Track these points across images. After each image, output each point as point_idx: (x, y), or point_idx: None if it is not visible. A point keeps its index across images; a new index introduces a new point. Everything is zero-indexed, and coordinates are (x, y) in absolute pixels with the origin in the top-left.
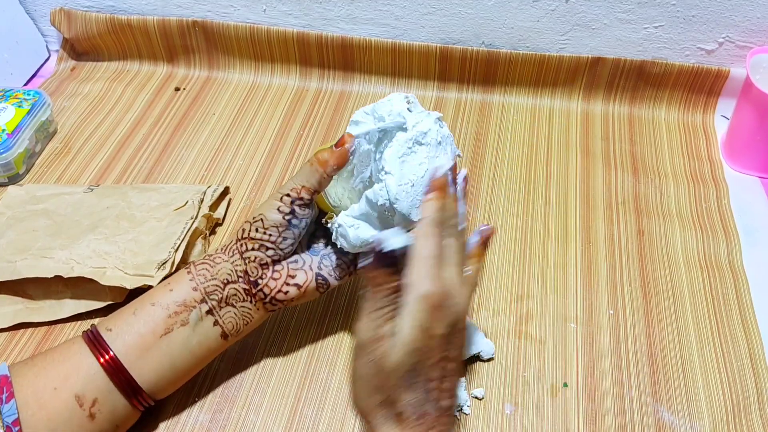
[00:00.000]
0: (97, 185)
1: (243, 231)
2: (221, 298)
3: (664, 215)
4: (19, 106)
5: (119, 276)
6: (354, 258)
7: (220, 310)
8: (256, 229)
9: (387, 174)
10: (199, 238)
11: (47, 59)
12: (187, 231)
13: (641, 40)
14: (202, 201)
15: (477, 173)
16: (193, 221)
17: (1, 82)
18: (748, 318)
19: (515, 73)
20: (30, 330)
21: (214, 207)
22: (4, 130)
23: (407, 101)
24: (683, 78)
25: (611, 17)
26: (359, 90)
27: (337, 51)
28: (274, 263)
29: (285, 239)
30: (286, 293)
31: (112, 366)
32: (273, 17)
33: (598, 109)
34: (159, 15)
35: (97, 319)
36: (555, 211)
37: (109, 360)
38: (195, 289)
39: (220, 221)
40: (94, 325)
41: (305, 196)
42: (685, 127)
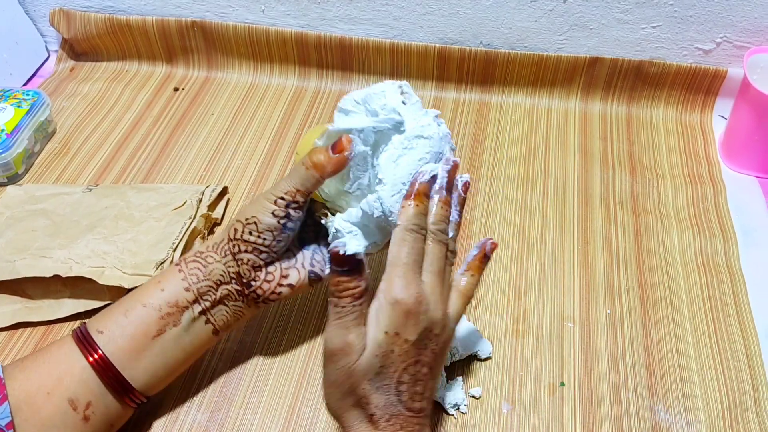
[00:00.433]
0: (96, 185)
1: (235, 231)
2: (214, 299)
3: (661, 215)
4: (18, 106)
5: (118, 275)
6: None
7: (212, 309)
8: (249, 232)
9: (382, 185)
10: (198, 237)
11: (46, 59)
12: (186, 231)
13: (639, 40)
14: (200, 201)
15: (475, 173)
16: (192, 221)
17: (1, 82)
18: (745, 318)
19: (513, 73)
20: (29, 329)
21: (212, 207)
22: (3, 130)
23: (401, 91)
24: (681, 78)
25: (609, 17)
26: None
27: (336, 51)
28: (266, 265)
29: (279, 242)
30: (279, 294)
31: (104, 368)
32: (272, 17)
33: (596, 109)
34: (158, 15)
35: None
36: (553, 211)
37: (101, 363)
38: (187, 290)
39: (218, 221)
40: (84, 324)
41: (300, 199)
42: (683, 127)
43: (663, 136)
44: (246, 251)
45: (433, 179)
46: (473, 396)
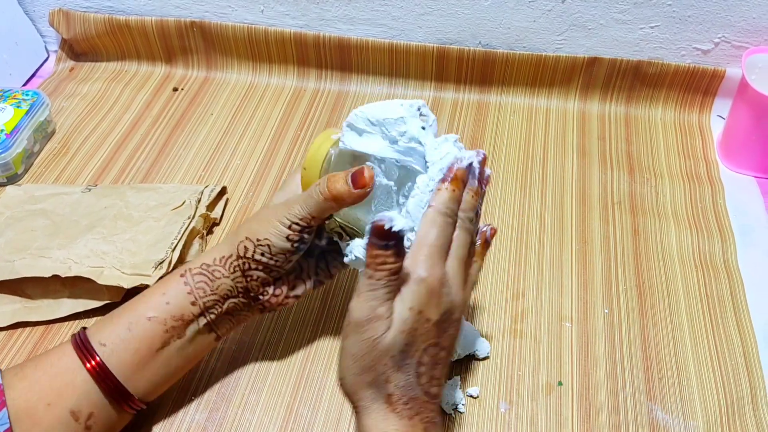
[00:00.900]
0: (95, 185)
1: (246, 249)
2: (220, 311)
3: (659, 215)
4: (18, 106)
5: (116, 275)
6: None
7: (217, 320)
8: (261, 253)
9: (414, 233)
10: (197, 237)
11: (46, 60)
12: (185, 231)
13: (637, 40)
14: (199, 201)
15: None
16: (191, 221)
17: (0, 82)
18: (742, 317)
19: (512, 73)
20: (28, 329)
21: (211, 207)
22: (2, 130)
23: (420, 115)
24: (679, 78)
25: (607, 17)
26: (357, 90)
27: (335, 51)
28: (275, 280)
29: (290, 261)
30: (285, 304)
31: (104, 378)
32: (271, 18)
33: (594, 109)
34: (157, 15)
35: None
36: (551, 211)
37: (102, 374)
38: (194, 304)
39: (217, 221)
40: (84, 330)
41: (314, 224)
42: (681, 127)
43: (661, 135)
44: (257, 269)
45: (469, 167)
46: (471, 395)
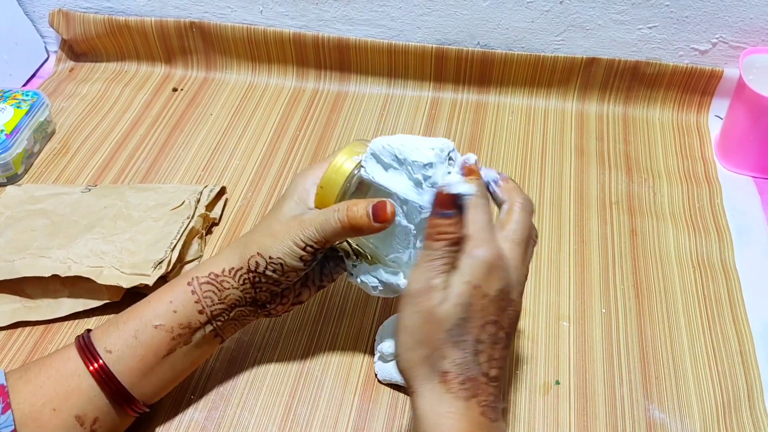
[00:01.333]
0: (95, 185)
1: (257, 265)
2: (227, 318)
3: (657, 215)
4: (18, 106)
5: (116, 275)
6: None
7: (223, 326)
8: (273, 270)
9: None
10: (196, 237)
11: (46, 60)
12: (184, 230)
13: (635, 40)
14: (198, 201)
15: None
16: (190, 221)
17: (0, 82)
18: (739, 317)
19: (510, 74)
20: (28, 328)
21: (210, 207)
22: (2, 130)
23: (450, 161)
24: (677, 78)
25: (605, 18)
26: (356, 90)
27: (334, 52)
28: (283, 290)
29: (299, 276)
30: (290, 310)
31: (108, 383)
32: (270, 18)
33: (592, 110)
34: (156, 16)
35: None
36: (549, 211)
37: (109, 382)
38: (201, 312)
39: (216, 221)
40: (88, 333)
41: (327, 246)
42: (679, 127)
43: (659, 136)
44: (267, 282)
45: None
46: None
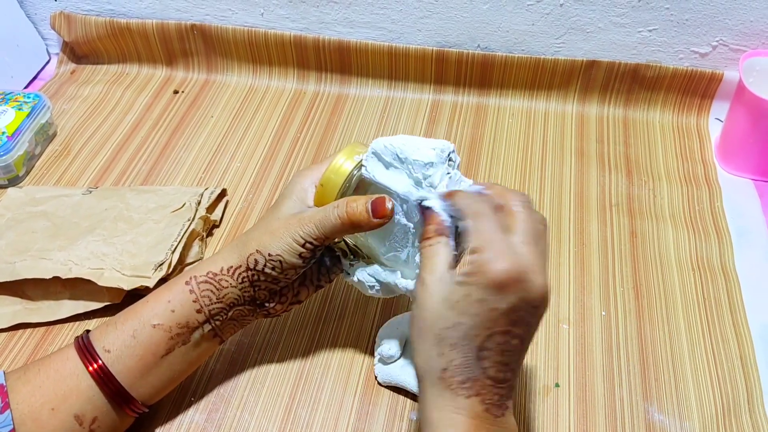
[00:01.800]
0: (96, 187)
1: (256, 262)
2: (225, 318)
3: (657, 217)
4: (19, 108)
5: (117, 277)
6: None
7: (221, 325)
8: (272, 268)
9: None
10: (196, 239)
11: (47, 62)
12: (184, 233)
13: (635, 43)
14: (199, 203)
15: (472, 175)
16: (190, 223)
17: (2, 84)
18: (739, 319)
19: (511, 76)
20: (29, 330)
21: (211, 209)
22: (4, 132)
23: (450, 162)
24: (677, 81)
25: (605, 21)
26: (356, 93)
27: (334, 54)
28: (281, 288)
29: (298, 274)
30: (289, 310)
31: (107, 383)
32: (271, 21)
33: (592, 112)
34: (158, 19)
35: (93, 323)
36: (549, 213)
37: (108, 382)
38: (199, 311)
39: (217, 223)
40: (87, 334)
41: (327, 242)
42: (679, 130)
43: (659, 138)
44: (265, 281)
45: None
46: None
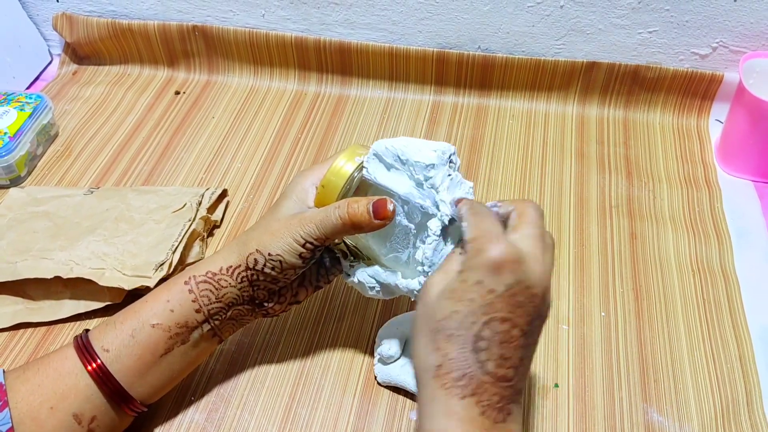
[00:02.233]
0: (97, 188)
1: (255, 262)
2: (224, 317)
3: (657, 218)
4: (21, 109)
5: (117, 277)
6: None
7: (220, 325)
8: (272, 267)
9: (425, 275)
10: (197, 239)
11: (49, 63)
12: (185, 233)
13: (636, 44)
14: (200, 203)
15: (473, 176)
16: (191, 223)
17: (4, 85)
18: (738, 320)
19: (511, 78)
20: (30, 330)
21: (212, 209)
22: (6, 133)
23: (450, 164)
24: (677, 82)
25: (606, 22)
26: (357, 94)
27: (335, 55)
28: (280, 288)
29: (297, 274)
30: (288, 310)
31: (105, 382)
32: (272, 22)
33: (593, 113)
34: (159, 20)
35: (92, 322)
36: (549, 214)
37: (107, 382)
38: (198, 311)
39: (217, 223)
40: (86, 333)
41: (327, 243)
42: (680, 131)
43: (660, 140)
44: (264, 280)
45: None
46: None
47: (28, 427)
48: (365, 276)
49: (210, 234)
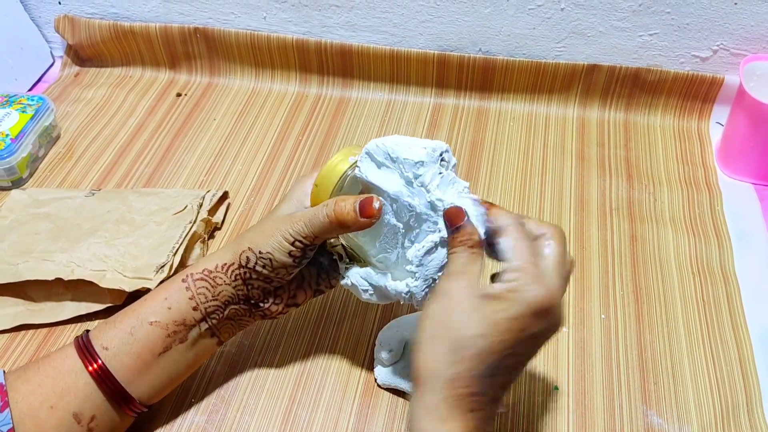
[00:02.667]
0: (99, 189)
1: (248, 260)
2: (222, 316)
3: (657, 221)
4: (23, 111)
5: (118, 279)
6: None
7: (218, 324)
8: (263, 266)
9: (413, 278)
10: (198, 241)
11: (51, 65)
12: (186, 235)
13: (636, 47)
14: (201, 205)
15: (473, 178)
16: (192, 225)
17: (6, 87)
18: (738, 323)
19: (512, 80)
20: (31, 331)
21: (212, 211)
22: (8, 134)
23: (441, 161)
24: (678, 85)
25: (606, 25)
26: (358, 96)
27: (336, 58)
28: (276, 289)
29: (291, 274)
30: (286, 312)
31: (105, 381)
32: (273, 24)
33: (593, 116)
34: (161, 22)
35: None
36: (549, 216)
37: (106, 380)
38: (195, 309)
39: (218, 225)
40: (87, 333)
41: (317, 242)
42: (680, 134)
43: (660, 142)
44: (257, 279)
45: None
46: None
47: (28, 427)
48: (358, 278)
49: (211, 236)
